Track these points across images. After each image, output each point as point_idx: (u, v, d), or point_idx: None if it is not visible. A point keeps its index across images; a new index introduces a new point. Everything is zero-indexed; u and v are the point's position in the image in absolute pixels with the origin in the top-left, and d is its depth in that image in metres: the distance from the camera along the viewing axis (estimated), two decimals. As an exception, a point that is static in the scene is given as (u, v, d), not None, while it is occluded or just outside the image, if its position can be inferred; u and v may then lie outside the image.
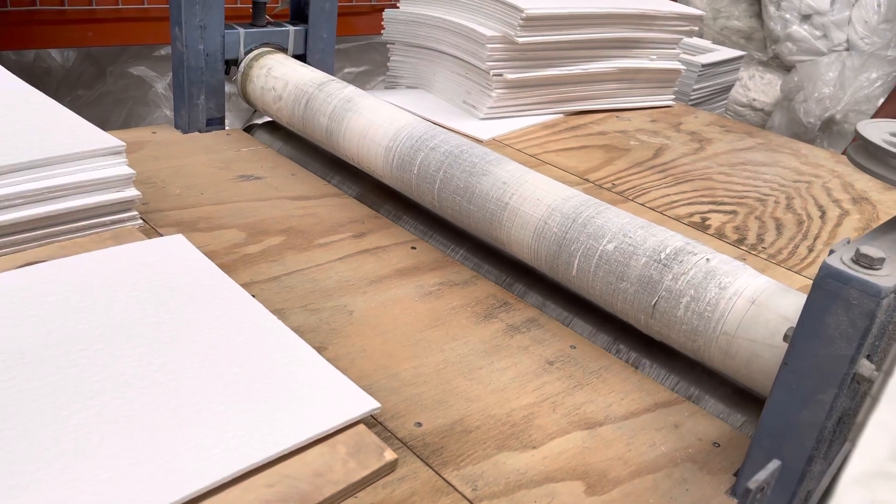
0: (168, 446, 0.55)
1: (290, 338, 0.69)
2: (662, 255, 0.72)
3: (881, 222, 0.64)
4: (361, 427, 0.61)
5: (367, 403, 0.63)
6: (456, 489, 0.59)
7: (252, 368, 0.64)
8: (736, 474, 0.64)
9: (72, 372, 0.60)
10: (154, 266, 0.76)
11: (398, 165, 0.96)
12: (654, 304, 0.72)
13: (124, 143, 0.85)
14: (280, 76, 1.15)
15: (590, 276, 0.77)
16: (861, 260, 0.52)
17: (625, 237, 0.75)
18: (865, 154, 0.57)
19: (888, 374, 0.51)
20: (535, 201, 0.82)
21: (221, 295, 0.73)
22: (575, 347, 0.79)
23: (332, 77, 1.12)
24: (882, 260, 0.51)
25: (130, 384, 0.60)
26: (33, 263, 0.75)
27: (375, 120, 1.00)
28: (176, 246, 0.81)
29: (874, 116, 2.31)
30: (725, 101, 2.14)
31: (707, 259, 0.71)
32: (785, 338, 0.57)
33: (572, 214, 0.79)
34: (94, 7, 1.62)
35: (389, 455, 0.59)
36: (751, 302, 0.66)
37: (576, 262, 0.78)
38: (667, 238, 0.74)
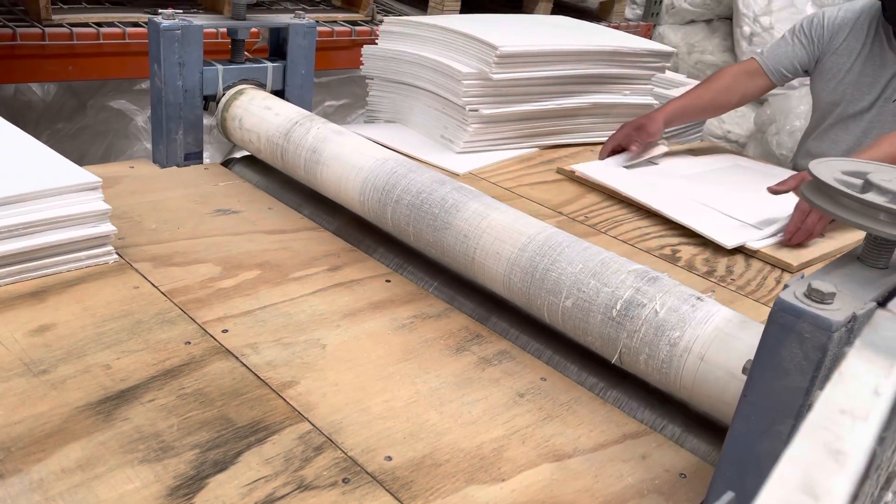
0: None
1: None
2: (614, 312, 0.74)
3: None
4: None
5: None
6: (424, 523, 0.60)
7: None
8: (701, 505, 0.65)
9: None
10: None
11: (375, 217, 0.99)
12: (618, 358, 0.75)
13: (100, 179, 0.86)
14: (251, 128, 1.16)
15: (560, 325, 0.81)
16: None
17: (579, 292, 0.77)
18: (818, 192, 0.60)
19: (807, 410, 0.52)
20: (496, 256, 0.84)
21: None
22: (546, 379, 0.80)
23: (301, 117, 1.11)
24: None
25: None
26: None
27: (343, 173, 1.01)
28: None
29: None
30: (700, 133, 2.18)
31: (656, 311, 0.72)
32: (744, 370, 0.58)
33: (530, 269, 0.81)
34: (74, 42, 1.63)
35: None
36: (700, 359, 0.69)
37: (545, 315, 0.81)
38: (617, 288, 0.75)
